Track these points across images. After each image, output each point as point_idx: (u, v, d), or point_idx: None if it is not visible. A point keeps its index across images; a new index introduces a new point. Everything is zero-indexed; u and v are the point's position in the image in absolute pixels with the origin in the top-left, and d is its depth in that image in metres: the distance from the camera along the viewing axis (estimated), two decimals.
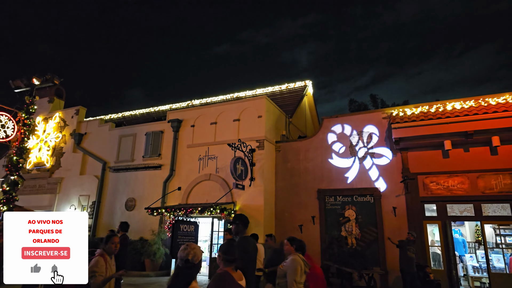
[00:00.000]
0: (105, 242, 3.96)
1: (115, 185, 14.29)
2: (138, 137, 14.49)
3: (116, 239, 3.97)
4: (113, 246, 3.95)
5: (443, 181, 10.07)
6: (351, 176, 11.20)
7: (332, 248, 10.44)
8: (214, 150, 12.50)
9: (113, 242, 3.95)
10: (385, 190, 10.65)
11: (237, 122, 12.46)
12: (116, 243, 3.97)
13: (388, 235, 10.00)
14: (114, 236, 4.03)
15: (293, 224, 11.52)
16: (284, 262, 4.40)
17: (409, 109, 10.85)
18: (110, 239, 3.97)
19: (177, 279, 2.57)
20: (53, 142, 16.60)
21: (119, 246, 6.90)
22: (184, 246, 2.67)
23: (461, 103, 10.20)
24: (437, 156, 10.25)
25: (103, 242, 4.00)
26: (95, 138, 15.67)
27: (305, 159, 12.01)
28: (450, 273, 9.41)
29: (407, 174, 10.36)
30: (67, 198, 15.22)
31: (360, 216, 10.84)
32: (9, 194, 11.07)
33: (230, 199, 11.53)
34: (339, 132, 11.82)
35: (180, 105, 18.87)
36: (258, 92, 16.97)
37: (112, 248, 3.94)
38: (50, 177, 16.07)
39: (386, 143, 11.00)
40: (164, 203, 12.71)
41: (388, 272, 9.88)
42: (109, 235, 4.04)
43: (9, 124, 12.56)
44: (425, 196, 10.19)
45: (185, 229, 10.93)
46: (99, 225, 13.98)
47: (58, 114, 17.07)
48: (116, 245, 3.95)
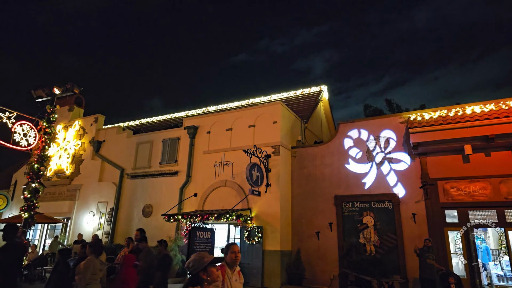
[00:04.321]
0: (225, 252, 3.63)
1: (133, 191, 14.50)
2: (155, 144, 14.70)
3: (237, 248, 3.64)
4: (233, 255, 3.56)
5: (464, 186, 9.82)
6: (368, 182, 11.05)
7: (350, 256, 10.27)
8: (230, 156, 12.56)
9: (233, 251, 3.59)
10: (404, 196, 10.45)
11: (252, 128, 12.50)
12: (237, 252, 3.60)
13: (408, 242, 9.80)
14: (233, 244, 3.67)
15: (310, 231, 11.42)
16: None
17: (427, 113, 10.67)
18: (229, 248, 3.61)
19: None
20: (73, 149, 17.01)
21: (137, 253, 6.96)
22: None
23: (481, 107, 9.96)
24: (457, 161, 10.02)
25: (223, 252, 3.65)
26: (113, 145, 15.98)
27: (322, 164, 11.93)
28: (473, 281, 9.11)
29: (426, 179, 10.15)
30: (86, 204, 15.52)
31: (379, 222, 10.66)
32: (30, 201, 11.38)
33: (246, 206, 11.53)
34: (355, 137, 11.71)
35: (196, 111, 19.08)
36: (273, 98, 17.00)
37: (233, 258, 3.56)
38: (69, 184, 16.44)
39: (404, 148, 10.82)
40: (180, 210, 12.81)
41: (409, 280, 9.65)
42: (229, 244, 3.70)
43: (31, 133, 12.96)
44: (445, 202, 9.94)
45: (201, 236, 10.96)
46: (117, 232, 14.19)
47: (78, 122, 17.51)
48: (236, 254, 3.59)
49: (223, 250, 3.73)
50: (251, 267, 10.87)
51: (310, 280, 10.85)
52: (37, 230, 16.89)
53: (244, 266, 10.99)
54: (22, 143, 12.64)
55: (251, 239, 11.01)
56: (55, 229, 16.69)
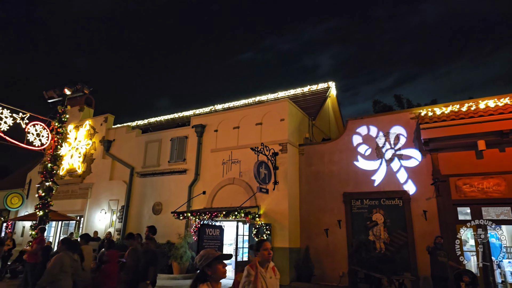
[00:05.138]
0: (256, 248, 3.54)
1: (143, 189, 14.67)
2: (163, 142, 14.82)
3: (269, 244, 3.54)
4: (265, 252, 3.45)
5: (477, 183, 9.59)
6: (378, 179, 10.90)
7: (360, 253, 10.16)
8: (237, 154, 12.57)
9: (265, 248, 3.49)
10: (415, 193, 10.28)
11: (259, 126, 12.47)
12: (269, 249, 3.51)
13: (419, 240, 9.65)
14: (265, 241, 3.57)
15: (318, 228, 11.35)
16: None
17: (438, 109, 10.44)
18: (261, 245, 3.51)
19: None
20: (84, 149, 17.28)
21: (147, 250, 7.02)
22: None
23: (495, 101, 9.69)
24: (470, 157, 9.79)
25: (254, 249, 3.58)
26: (123, 145, 16.17)
27: (330, 162, 11.82)
28: (487, 279, 8.91)
29: (438, 176, 9.95)
30: (98, 202, 15.78)
31: (389, 220, 10.52)
32: (44, 199, 11.62)
33: (254, 203, 11.53)
34: (364, 133, 11.55)
35: (203, 110, 19.14)
36: (280, 95, 16.92)
37: (265, 255, 3.45)
38: (81, 183, 16.73)
39: (415, 144, 10.62)
40: (189, 207, 12.90)
41: (420, 278, 9.51)
42: (261, 240, 3.59)
43: (44, 133, 13.18)
44: (458, 199, 9.74)
45: (210, 233, 11.03)
46: (128, 229, 14.37)
47: (88, 122, 17.78)
48: (269, 250, 3.50)
49: (254, 247, 3.61)
50: None
51: (319, 277, 10.81)
52: (52, 227, 17.27)
53: None
54: (36, 143, 12.87)
55: (260, 236, 11.01)
56: (68, 226, 17.05)
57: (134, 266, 6.24)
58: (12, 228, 18.34)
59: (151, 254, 6.49)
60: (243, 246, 11.53)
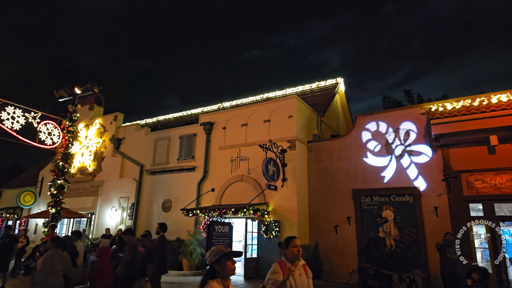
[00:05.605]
0: (285, 246, 3.43)
1: (152, 187, 14.80)
2: (172, 140, 14.91)
3: (298, 241, 3.45)
4: (295, 249, 3.35)
5: (490, 178, 9.43)
6: (387, 175, 10.80)
7: (370, 250, 10.12)
8: (246, 152, 12.58)
9: (294, 245, 3.39)
10: (425, 189, 10.16)
11: (267, 123, 12.45)
12: (299, 246, 3.40)
13: (430, 236, 9.54)
14: (294, 238, 3.46)
15: (328, 225, 11.31)
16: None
17: (449, 104, 10.27)
18: (290, 242, 3.41)
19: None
20: (94, 147, 17.50)
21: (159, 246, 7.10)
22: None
23: (508, 95, 9.49)
24: (482, 153, 9.62)
25: (282, 246, 3.44)
26: (132, 143, 16.33)
27: (339, 158, 11.75)
28: (500, 277, 8.77)
29: (449, 172, 9.81)
30: (109, 200, 15.98)
31: (399, 216, 10.42)
32: (56, 197, 11.81)
33: (263, 200, 11.54)
34: (373, 130, 11.44)
35: (211, 108, 19.19)
36: (288, 92, 16.85)
37: (295, 252, 3.36)
38: (92, 181, 16.96)
39: (425, 140, 10.49)
40: (198, 204, 12.98)
41: (431, 275, 9.40)
42: (289, 237, 3.48)
43: (55, 132, 13.36)
44: (469, 195, 9.59)
45: (219, 230, 11.09)
46: (138, 226, 14.54)
47: (98, 120, 17.98)
48: (298, 248, 3.40)
49: (282, 244, 3.45)
50: (269, 260, 10.89)
51: (329, 274, 10.79)
52: (64, 224, 17.57)
53: (262, 260, 11.05)
54: (47, 141, 13.04)
55: (269, 233, 11.03)
56: (80, 223, 17.32)
57: (130, 261, 6.33)
58: (25, 226, 18.72)
59: (147, 250, 6.57)
60: (252, 243, 11.56)
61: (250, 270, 10.89)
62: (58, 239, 5.20)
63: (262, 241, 11.22)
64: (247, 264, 10.92)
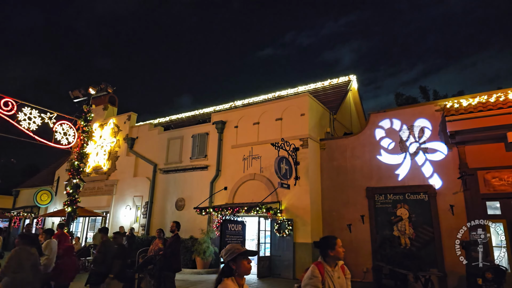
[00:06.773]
0: (329, 246, 3.14)
1: (165, 186, 14.97)
2: (185, 139, 15.05)
3: (340, 241, 3.21)
4: (341, 250, 3.14)
5: (507, 176, 9.23)
6: (402, 173, 10.68)
7: (384, 249, 10.00)
8: (258, 150, 12.60)
9: (340, 245, 3.17)
10: (441, 187, 10.02)
11: (279, 121, 12.44)
12: (341, 246, 3.17)
13: (446, 235, 9.41)
14: (336, 238, 3.20)
15: (341, 224, 11.26)
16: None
17: (465, 100, 10.08)
18: (335, 242, 3.15)
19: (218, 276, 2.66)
20: (109, 146, 17.79)
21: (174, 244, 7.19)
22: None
23: None
24: (499, 150, 9.42)
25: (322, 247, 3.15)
26: (145, 142, 16.54)
27: (352, 156, 11.67)
28: None
29: (465, 169, 9.64)
30: (123, 199, 16.23)
31: (414, 215, 10.31)
32: (72, 196, 12.06)
33: (276, 199, 11.55)
34: (387, 127, 11.33)
35: (223, 106, 19.27)
36: (300, 90, 16.80)
37: (341, 253, 3.14)
38: (107, 180, 17.25)
39: (440, 137, 10.33)
40: (211, 203, 13.08)
41: (447, 274, 9.28)
42: (331, 236, 3.25)
43: (70, 132, 13.61)
44: (486, 192, 9.41)
45: (233, 228, 11.16)
46: (152, 224, 14.74)
47: (112, 120, 18.26)
48: (342, 248, 3.18)
49: (322, 245, 3.12)
50: (282, 259, 10.93)
51: None
52: (79, 223, 17.93)
53: (276, 258, 11.07)
54: (63, 141, 13.29)
55: (282, 232, 11.05)
56: (95, 222, 17.64)
57: (100, 258, 6.69)
58: (42, 224, 19.18)
59: (119, 248, 6.85)
60: (265, 241, 11.60)
61: (263, 269, 10.93)
62: (26, 236, 5.33)
63: (275, 239, 11.25)
64: (260, 262, 10.97)
